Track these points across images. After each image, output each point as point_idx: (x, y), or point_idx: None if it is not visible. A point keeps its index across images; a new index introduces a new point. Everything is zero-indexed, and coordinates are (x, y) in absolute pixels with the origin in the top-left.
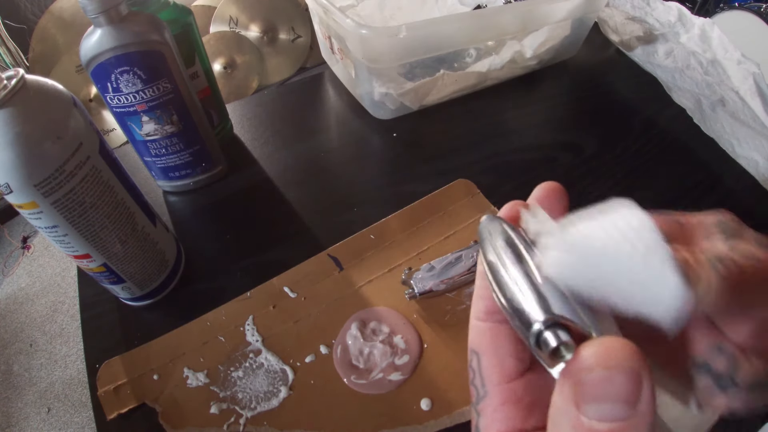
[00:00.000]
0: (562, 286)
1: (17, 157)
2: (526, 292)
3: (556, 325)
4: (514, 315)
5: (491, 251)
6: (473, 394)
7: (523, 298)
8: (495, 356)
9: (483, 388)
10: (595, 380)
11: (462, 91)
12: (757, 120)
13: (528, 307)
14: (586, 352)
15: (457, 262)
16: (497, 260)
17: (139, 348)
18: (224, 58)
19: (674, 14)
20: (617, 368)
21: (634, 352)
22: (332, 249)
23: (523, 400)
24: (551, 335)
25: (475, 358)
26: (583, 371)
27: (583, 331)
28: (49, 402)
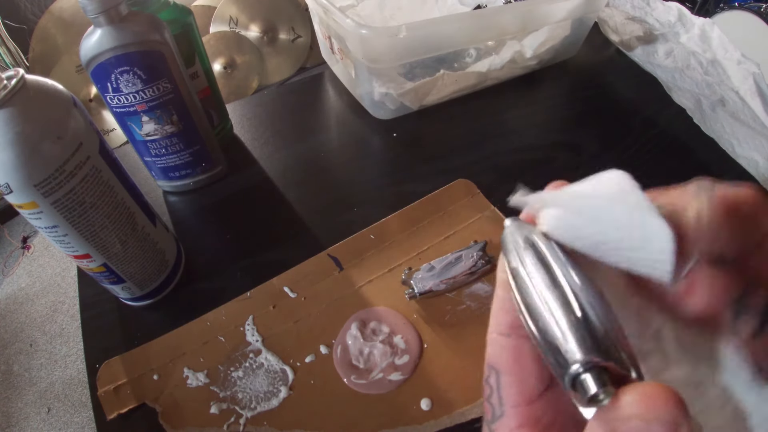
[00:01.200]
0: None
1: (17, 157)
2: (563, 324)
3: (596, 368)
4: (548, 349)
5: (521, 268)
6: (488, 412)
7: (560, 332)
8: (516, 375)
9: (500, 408)
10: (632, 430)
11: (462, 91)
12: (757, 120)
13: (565, 345)
14: (626, 400)
15: (457, 262)
16: (528, 280)
17: (139, 348)
18: (224, 58)
19: (674, 14)
20: (657, 420)
21: (675, 402)
22: (332, 249)
23: (540, 422)
24: (591, 380)
25: (494, 375)
26: (621, 420)
27: (622, 372)
28: (49, 402)
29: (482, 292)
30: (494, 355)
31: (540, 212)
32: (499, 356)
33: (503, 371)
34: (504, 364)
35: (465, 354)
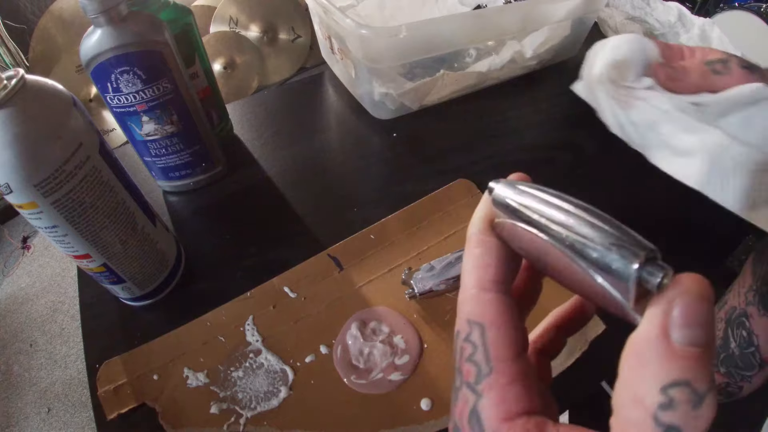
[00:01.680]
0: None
1: (17, 157)
2: (606, 237)
3: (651, 259)
4: (602, 263)
5: (535, 209)
6: (470, 373)
7: (607, 242)
8: (503, 329)
9: (488, 365)
10: (690, 306)
11: (462, 91)
12: None
13: (620, 251)
14: (687, 281)
15: (457, 262)
16: (550, 216)
17: (139, 348)
18: (224, 58)
19: (674, 14)
20: (707, 297)
21: (709, 284)
22: (332, 249)
23: (528, 378)
24: (655, 269)
25: (477, 331)
26: (683, 297)
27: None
28: (49, 402)
29: None
30: (477, 311)
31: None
32: (483, 311)
33: (489, 325)
34: (489, 318)
35: None
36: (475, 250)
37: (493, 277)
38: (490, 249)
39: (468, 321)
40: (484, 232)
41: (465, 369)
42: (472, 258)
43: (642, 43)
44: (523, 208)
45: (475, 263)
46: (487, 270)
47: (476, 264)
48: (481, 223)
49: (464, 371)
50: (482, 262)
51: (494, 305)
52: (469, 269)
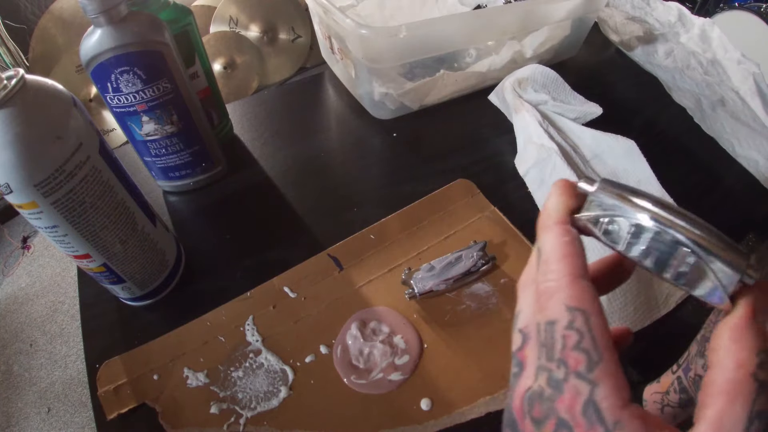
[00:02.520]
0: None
1: (17, 157)
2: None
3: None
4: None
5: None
6: (579, 362)
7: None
8: (602, 315)
9: (597, 352)
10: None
11: (462, 91)
12: (757, 120)
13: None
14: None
15: (457, 262)
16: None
17: (139, 348)
18: (224, 58)
19: (674, 14)
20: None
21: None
22: (332, 249)
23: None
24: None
25: (581, 318)
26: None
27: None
28: (49, 402)
29: (482, 292)
30: (578, 297)
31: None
32: (583, 297)
33: (591, 312)
34: (589, 304)
35: (465, 354)
36: (564, 238)
37: (584, 264)
38: (575, 238)
39: (568, 308)
40: (567, 222)
41: (572, 358)
42: (562, 246)
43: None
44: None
45: (567, 251)
46: (579, 258)
47: (567, 251)
48: (563, 213)
49: (570, 360)
50: (573, 249)
51: (591, 292)
52: (559, 257)
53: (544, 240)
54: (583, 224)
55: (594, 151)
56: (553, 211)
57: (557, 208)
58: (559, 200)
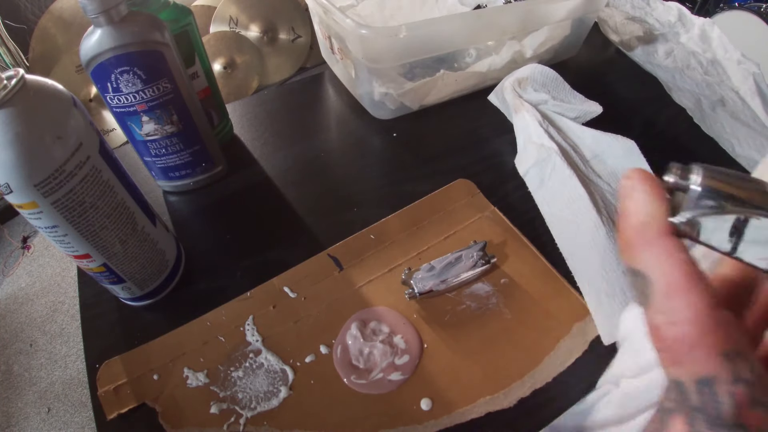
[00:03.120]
0: None
1: (17, 157)
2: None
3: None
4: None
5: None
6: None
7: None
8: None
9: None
10: None
11: (462, 91)
12: (757, 120)
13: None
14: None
15: (457, 262)
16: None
17: (139, 348)
18: (224, 58)
19: (674, 14)
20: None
21: None
22: (332, 249)
23: None
24: None
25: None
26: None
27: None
28: (49, 402)
29: (482, 292)
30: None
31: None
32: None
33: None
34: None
35: (465, 354)
36: (680, 256)
37: (714, 288)
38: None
39: (724, 354)
40: (673, 231)
41: (754, 418)
42: (682, 268)
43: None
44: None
45: (692, 275)
46: (707, 281)
47: (694, 276)
48: (664, 220)
49: (752, 421)
50: (698, 271)
51: (739, 326)
52: (685, 285)
53: (649, 263)
54: (684, 231)
55: (594, 151)
56: (650, 218)
57: (655, 214)
58: (655, 203)
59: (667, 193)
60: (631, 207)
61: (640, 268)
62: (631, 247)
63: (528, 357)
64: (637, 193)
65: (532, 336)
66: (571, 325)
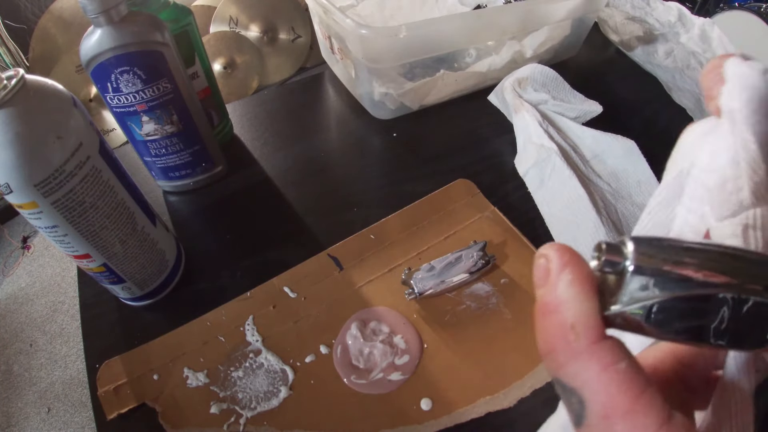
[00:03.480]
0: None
1: (17, 157)
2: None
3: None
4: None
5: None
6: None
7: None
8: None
9: None
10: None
11: (462, 91)
12: None
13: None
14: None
15: (457, 262)
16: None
17: (139, 348)
18: (224, 58)
19: (674, 14)
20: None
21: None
22: (332, 249)
23: None
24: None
25: None
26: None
27: None
28: (49, 402)
29: (482, 292)
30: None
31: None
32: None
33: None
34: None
35: (465, 354)
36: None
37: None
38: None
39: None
40: (604, 335)
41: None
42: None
43: (540, 68)
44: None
45: (632, 390)
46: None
47: (634, 391)
48: (596, 321)
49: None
50: (639, 381)
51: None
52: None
53: (580, 379)
54: (621, 322)
55: (594, 151)
56: (576, 320)
57: (583, 314)
58: (581, 298)
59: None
60: (550, 302)
61: (570, 384)
62: (555, 357)
63: (528, 357)
64: (560, 284)
65: (532, 336)
66: None
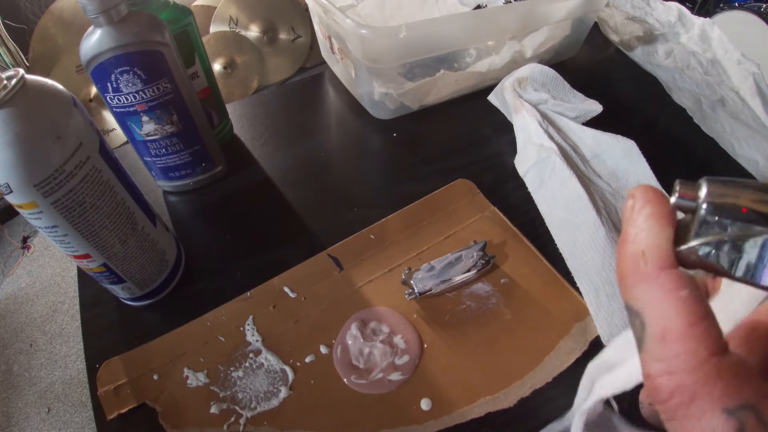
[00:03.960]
0: None
1: (17, 157)
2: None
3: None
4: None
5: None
6: None
7: None
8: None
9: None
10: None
11: (462, 91)
12: (757, 120)
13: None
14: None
15: (457, 262)
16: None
17: (139, 348)
18: (224, 58)
19: (674, 14)
20: None
21: None
22: (332, 249)
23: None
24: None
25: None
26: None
27: None
28: (49, 402)
29: (482, 292)
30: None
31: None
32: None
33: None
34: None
35: (465, 354)
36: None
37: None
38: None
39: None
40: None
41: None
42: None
43: (539, 67)
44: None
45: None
46: (712, 321)
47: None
48: (668, 250)
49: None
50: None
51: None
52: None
53: (644, 301)
54: (696, 259)
55: (594, 151)
56: (649, 247)
57: (655, 243)
58: (656, 229)
59: (677, 214)
60: (630, 233)
61: (635, 306)
62: (625, 281)
63: (528, 357)
64: (639, 217)
65: (532, 336)
66: (571, 325)
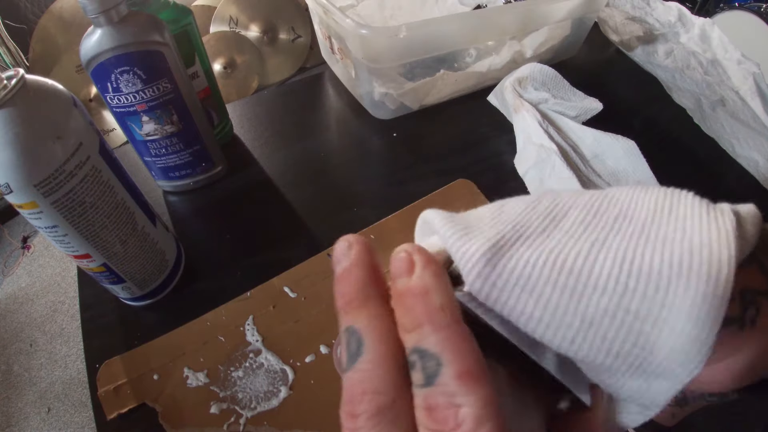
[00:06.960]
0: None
1: (17, 157)
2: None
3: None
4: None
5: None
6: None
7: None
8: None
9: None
10: None
11: (462, 91)
12: (757, 120)
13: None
14: None
15: None
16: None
17: (139, 348)
18: (224, 58)
19: (674, 14)
20: None
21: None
22: (332, 249)
23: None
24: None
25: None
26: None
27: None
28: (49, 402)
29: None
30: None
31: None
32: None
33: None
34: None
35: None
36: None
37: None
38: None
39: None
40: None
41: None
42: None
43: (539, 66)
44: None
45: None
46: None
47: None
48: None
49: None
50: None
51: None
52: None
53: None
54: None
55: (594, 151)
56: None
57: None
58: (448, 291)
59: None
60: (416, 288)
61: (431, 350)
62: (421, 332)
63: None
64: (426, 275)
65: None
66: None
